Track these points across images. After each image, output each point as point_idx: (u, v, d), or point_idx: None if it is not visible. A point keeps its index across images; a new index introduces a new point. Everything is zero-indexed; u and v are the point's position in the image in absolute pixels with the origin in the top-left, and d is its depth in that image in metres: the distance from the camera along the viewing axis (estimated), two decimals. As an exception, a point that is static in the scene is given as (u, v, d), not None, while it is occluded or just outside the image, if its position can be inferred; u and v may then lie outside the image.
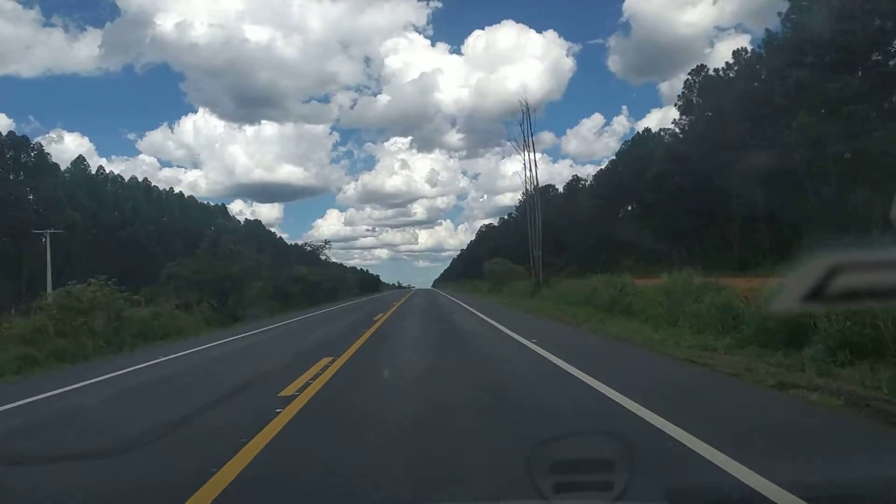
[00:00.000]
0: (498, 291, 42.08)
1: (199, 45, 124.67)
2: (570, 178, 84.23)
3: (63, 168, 68.63)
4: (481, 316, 19.51)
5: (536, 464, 1.76)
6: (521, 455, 2.78)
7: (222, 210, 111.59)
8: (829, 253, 0.94)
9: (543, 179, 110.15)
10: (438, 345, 11.65)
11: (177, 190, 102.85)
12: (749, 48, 46.22)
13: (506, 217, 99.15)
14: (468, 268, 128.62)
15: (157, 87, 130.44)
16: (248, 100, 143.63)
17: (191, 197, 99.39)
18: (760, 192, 31.91)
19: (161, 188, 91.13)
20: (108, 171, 77.41)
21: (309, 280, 39.90)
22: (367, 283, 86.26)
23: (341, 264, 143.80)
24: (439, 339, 12.61)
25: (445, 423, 5.01)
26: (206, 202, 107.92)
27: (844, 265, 0.92)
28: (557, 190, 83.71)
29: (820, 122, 29.43)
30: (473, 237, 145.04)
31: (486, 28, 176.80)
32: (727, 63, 46.06)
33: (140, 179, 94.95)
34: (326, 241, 62.18)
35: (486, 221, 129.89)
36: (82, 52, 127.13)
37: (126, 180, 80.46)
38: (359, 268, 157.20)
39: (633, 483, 1.69)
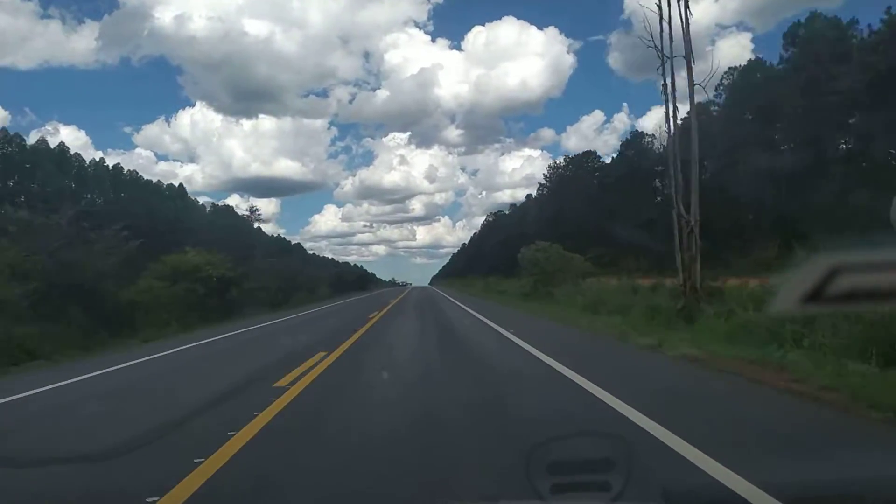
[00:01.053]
0: (547, 298, 23.95)
1: (197, 39, 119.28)
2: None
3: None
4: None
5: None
6: None
7: (180, 192, 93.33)
8: (830, 254, 0.91)
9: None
10: None
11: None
12: None
13: (524, 200, 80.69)
14: (473, 263, 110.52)
15: (155, 81, 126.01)
16: (245, 94, 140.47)
17: (133, 172, 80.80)
18: None
19: (86, 158, 72.48)
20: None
21: (206, 275, 21.58)
22: (348, 279, 67.72)
23: (330, 259, 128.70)
24: None
25: None
26: (157, 181, 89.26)
27: (844, 266, 0.90)
28: (600, 160, 63.81)
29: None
30: (473, 233, 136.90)
31: (487, 24, 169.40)
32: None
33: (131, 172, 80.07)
34: (254, 208, 45.49)
35: (496, 210, 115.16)
36: (80, 44, 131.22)
37: (28, 144, 61.72)
38: (354, 263, 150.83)
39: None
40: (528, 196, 79.76)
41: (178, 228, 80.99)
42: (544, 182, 68.65)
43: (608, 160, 63.02)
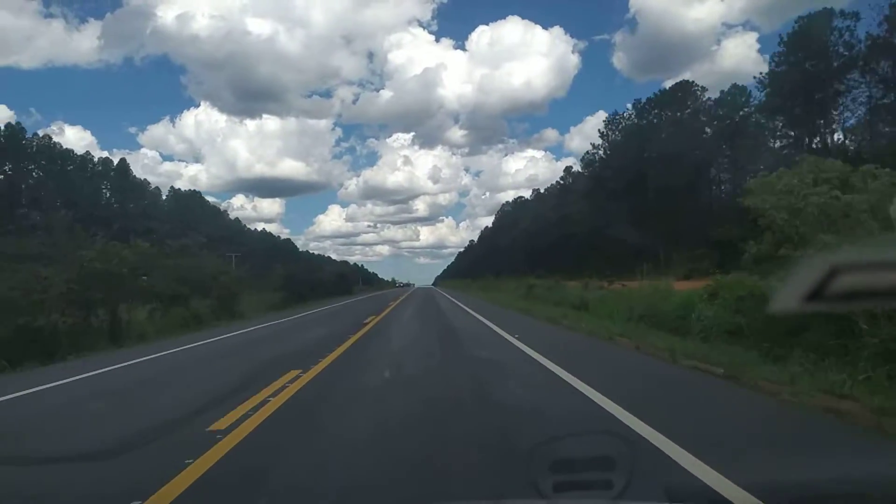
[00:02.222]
0: None
1: (200, 38, 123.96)
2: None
3: None
4: None
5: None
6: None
7: (119, 169, 74.42)
8: (830, 253, 0.81)
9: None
10: None
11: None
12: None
13: (563, 175, 59.69)
14: (485, 262, 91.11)
15: (158, 80, 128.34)
16: (249, 93, 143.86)
17: (45, 138, 61.70)
18: None
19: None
20: None
21: None
22: (320, 280, 47.78)
23: (322, 256, 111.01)
24: None
25: None
26: (86, 152, 71.36)
27: (844, 265, 0.89)
28: (703, 93, 42.70)
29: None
30: (482, 230, 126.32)
31: (491, 24, 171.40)
32: None
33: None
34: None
35: (514, 197, 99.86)
36: (83, 43, 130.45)
37: None
38: (355, 263, 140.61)
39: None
40: (569, 169, 60.10)
41: (105, 215, 61.99)
42: (602, 142, 48.26)
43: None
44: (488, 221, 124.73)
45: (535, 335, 11.58)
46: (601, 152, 46.58)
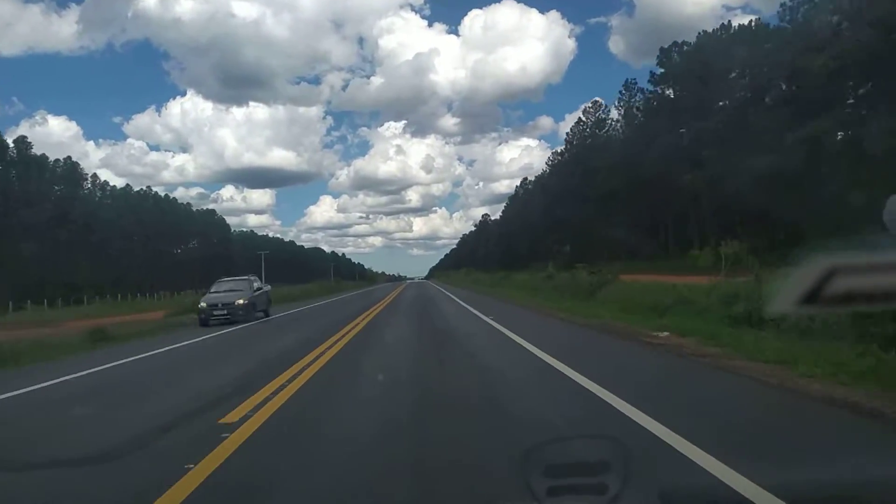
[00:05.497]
0: None
1: (183, 21, 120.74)
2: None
3: None
4: None
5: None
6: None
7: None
8: (827, 255, 0.91)
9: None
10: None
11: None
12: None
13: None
14: (501, 248, 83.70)
15: (141, 67, 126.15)
16: (234, 79, 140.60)
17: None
18: None
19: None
20: None
21: None
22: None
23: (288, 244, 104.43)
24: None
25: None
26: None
27: (842, 267, 0.90)
28: None
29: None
30: (471, 225, 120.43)
31: (485, 8, 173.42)
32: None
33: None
34: None
35: (510, 191, 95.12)
36: (63, 28, 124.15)
37: None
38: (339, 253, 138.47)
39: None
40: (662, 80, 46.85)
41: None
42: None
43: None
44: (482, 212, 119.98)
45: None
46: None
